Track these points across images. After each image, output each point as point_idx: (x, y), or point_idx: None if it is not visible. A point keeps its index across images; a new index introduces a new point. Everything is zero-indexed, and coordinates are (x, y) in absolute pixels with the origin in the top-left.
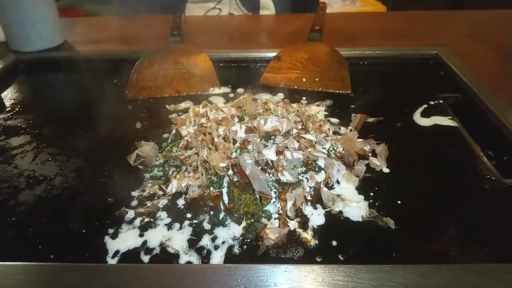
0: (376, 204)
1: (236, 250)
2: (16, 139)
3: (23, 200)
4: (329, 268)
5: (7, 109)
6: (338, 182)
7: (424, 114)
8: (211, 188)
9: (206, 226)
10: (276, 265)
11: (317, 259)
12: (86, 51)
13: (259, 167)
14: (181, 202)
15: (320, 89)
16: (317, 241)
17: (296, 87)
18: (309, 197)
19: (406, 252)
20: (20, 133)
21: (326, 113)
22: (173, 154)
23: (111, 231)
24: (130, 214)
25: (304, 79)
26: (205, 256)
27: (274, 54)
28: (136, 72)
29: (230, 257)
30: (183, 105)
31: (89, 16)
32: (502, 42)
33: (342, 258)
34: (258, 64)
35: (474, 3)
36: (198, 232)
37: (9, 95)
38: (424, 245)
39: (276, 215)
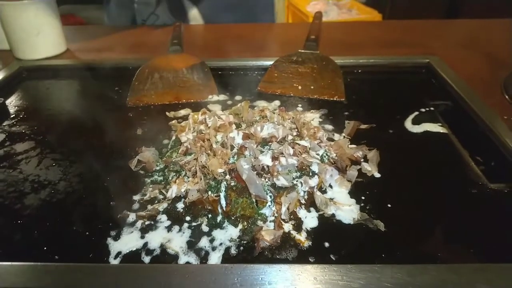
0: (367, 207)
1: (233, 251)
2: (20, 145)
3: (28, 204)
4: (321, 268)
5: (12, 116)
6: (331, 186)
7: (415, 121)
8: (210, 192)
9: (205, 228)
10: (270, 265)
11: (310, 259)
12: (88, 59)
13: (256, 172)
14: (180, 205)
15: (315, 96)
16: (310, 243)
17: (292, 94)
18: (303, 201)
19: (395, 253)
20: (24, 139)
21: (321, 120)
22: (173, 160)
23: (113, 233)
24: (132, 217)
25: (299, 87)
26: (203, 257)
27: (271, 62)
28: (137, 80)
29: (227, 258)
30: (182, 112)
31: (89, 22)
32: (493, 51)
33: (334, 259)
34: (256, 72)
35: (470, 12)
36: (196, 234)
37: (13, 102)
38: (412, 246)
39: (272, 218)
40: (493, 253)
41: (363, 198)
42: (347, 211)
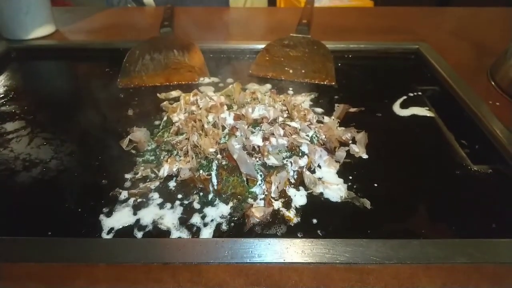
0: (354, 186)
1: (224, 227)
2: (11, 124)
3: (20, 182)
4: (309, 242)
5: (1, 96)
6: (319, 166)
7: (403, 105)
8: (201, 171)
9: (196, 206)
10: (260, 239)
11: (298, 235)
12: (79, 40)
13: (246, 152)
14: (172, 184)
15: (306, 80)
16: (299, 219)
17: (283, 78)
18: (292, 180)
19: (380, 229)
20: (14, 118)
21: (311, 103)
22: (165, 140)
23: (105, 210)
24: (124, 194)
25: (291, 71)
26: (195, 232)
27: (262, 46)
28: (128, 61)
29: (218, 234)
30: (174, 93)
31: (77, 5)
32: (481, 38)
33: (321, 234)
34: (247, 56)
35: (461, 1)
36: (188, 211)
37: (2, 82)
38: (397, 223)
39: (262, 196)
40: (473, 229)
41: (350, 178)
42: (335, 190)
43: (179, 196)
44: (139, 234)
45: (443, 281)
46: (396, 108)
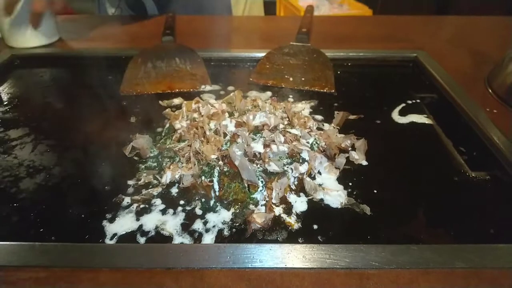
0: (354, 193)
1: (226, 233)
2: (15, 131)
3: (24, 188)
4: (309, 247)
5: (5, 103)
6: (320, 173)
7: (402, 113)
8: (203, 178)
9: (198, 211)
10: (261, 244)
11: (299, 240)
12: (81, 48)
13: (248, 159)
14: (174, 190)
15: (306, 88)
16: (299, 225)
17: (283, 85)
18: (293, 186)
19: (380, 235)
20: (18, 125)
21: (311, 110)
22: (167, 146)
23: (108, 216)
24: (127, 200)
25: (291, 79)
26: (197, 238)
27: (263, 54)
28: (130, 69)
29: (220, 239)
30: (176, 101)
31: (79, 13)
32: (478, 46)
33: (321, 240)
34: (248, 64)
35: (459, 9)
36: (190, 217)
37: (6, 90)
38: (397, 229)
39: (263, 202)
40: (472, 235)
41: (350, 184)
42: (335, 196)
43: (181, 202)
44: (141, 240)
45: (442, 286)
46: (395, 116)
